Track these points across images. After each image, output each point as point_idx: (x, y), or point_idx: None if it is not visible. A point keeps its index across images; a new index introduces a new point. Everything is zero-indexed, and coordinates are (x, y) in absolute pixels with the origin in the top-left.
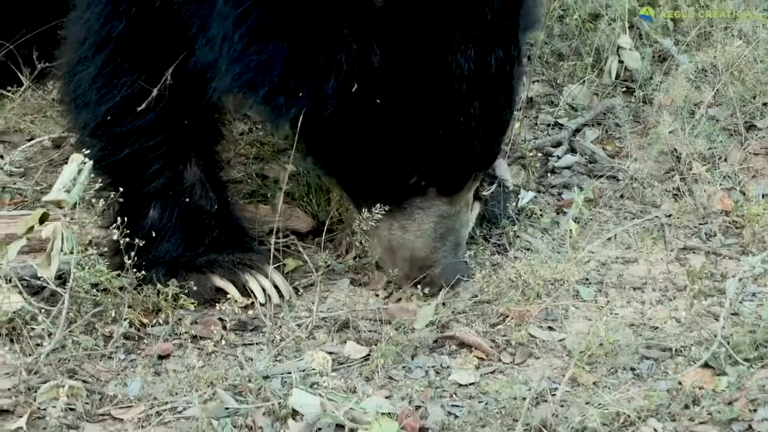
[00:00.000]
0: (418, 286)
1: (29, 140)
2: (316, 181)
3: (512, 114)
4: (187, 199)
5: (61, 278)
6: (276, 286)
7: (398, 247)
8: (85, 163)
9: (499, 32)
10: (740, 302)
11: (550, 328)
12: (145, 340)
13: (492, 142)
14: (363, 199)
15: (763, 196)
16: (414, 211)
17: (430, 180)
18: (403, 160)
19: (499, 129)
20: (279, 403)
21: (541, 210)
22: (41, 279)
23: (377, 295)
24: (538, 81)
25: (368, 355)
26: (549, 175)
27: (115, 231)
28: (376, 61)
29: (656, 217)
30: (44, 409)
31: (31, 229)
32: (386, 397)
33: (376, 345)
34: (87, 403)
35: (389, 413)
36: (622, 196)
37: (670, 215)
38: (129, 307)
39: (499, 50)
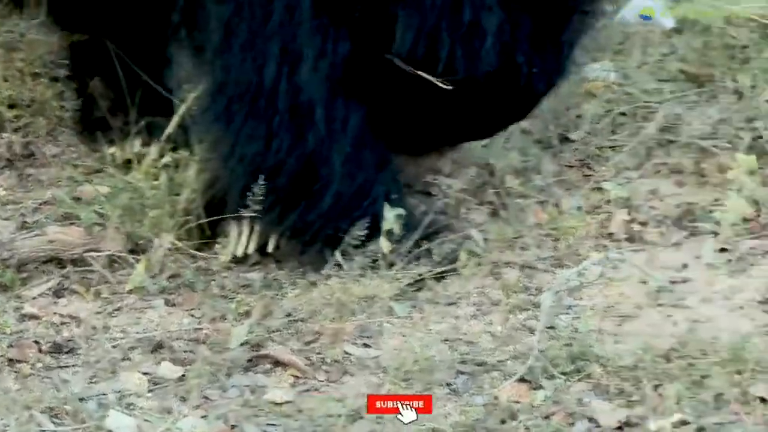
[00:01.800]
0: None
1: None
2: (127, 203)
3: None
4: None
5: None
6: None
7: None
8: None
9: None
10: (556, 316)
11: (365, 345)
12: None
13: None
14: None
15: (578, 208)
16: None
17: None
18: None
19: None
20: (95, 425)
21: None
22: None
23: (192, 315)
24: None
25: (184, 375)
26: None
27: None
28: None
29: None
30: None
31: None
32: (202, 417)
33: (191, 365)
34: None
35: None
36: (436, 212)
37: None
38: None
39: None
